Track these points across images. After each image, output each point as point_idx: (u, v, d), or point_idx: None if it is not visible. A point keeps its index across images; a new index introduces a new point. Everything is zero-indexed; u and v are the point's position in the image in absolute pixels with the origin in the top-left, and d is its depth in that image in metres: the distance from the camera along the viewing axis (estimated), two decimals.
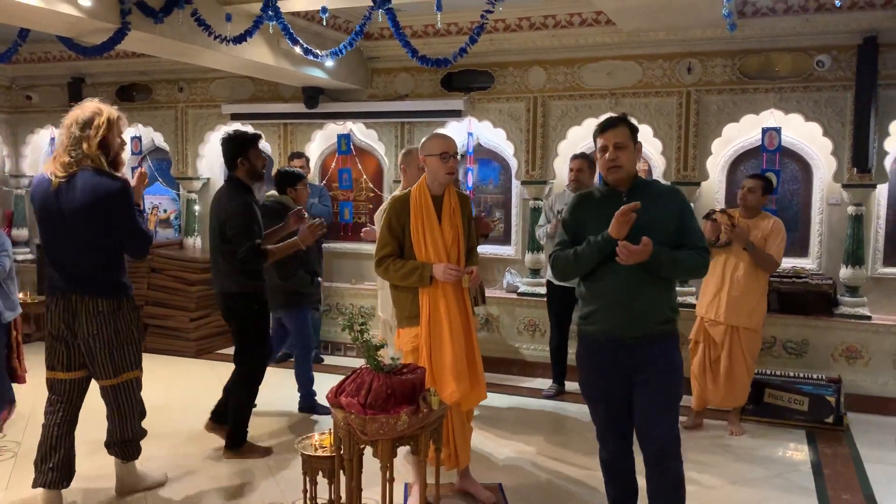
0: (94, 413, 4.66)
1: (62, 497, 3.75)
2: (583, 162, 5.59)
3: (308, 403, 5.43)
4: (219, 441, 4.72)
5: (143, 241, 3.73)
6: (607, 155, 3.09)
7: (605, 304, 3.12)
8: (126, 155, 3.90)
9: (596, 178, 5.60)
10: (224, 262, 4.41)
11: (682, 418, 5.21)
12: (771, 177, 5.57)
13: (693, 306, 5.38)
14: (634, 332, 3.07)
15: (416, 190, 3.69)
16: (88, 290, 3.62)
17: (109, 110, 3.64)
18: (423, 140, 3.84)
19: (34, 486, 3.71)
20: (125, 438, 3.89)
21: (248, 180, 4.45)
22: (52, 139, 8.65)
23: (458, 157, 3.78)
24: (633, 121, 3.25)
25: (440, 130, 6.89)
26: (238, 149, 4.40)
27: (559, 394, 5.87)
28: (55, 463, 3.66)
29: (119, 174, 3.64)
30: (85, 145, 3.54)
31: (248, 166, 4.41)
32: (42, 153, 8.90)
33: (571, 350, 5.79)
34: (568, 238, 3.23)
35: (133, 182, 3.75)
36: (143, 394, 3.97)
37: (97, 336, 3.63)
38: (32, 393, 5.68)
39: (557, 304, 5.80)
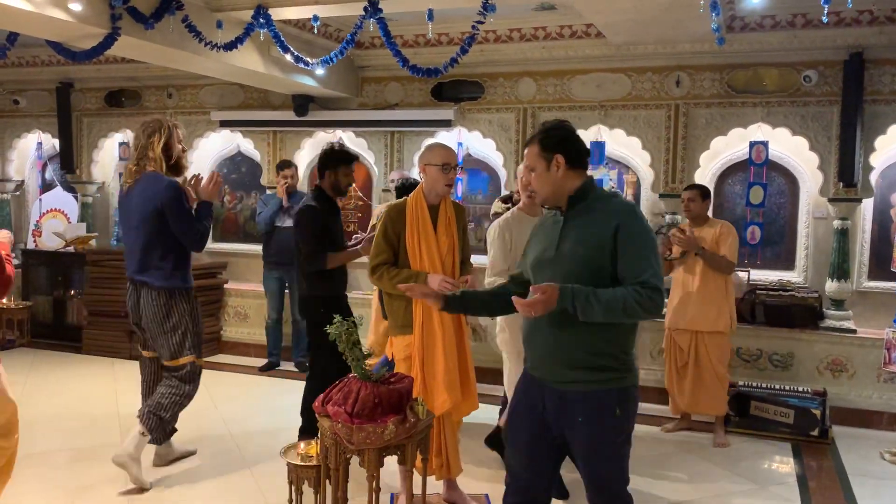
0: (73, 421, 4.63)
1: (170, 444, 4.47)
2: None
3: None
4: (195, 448, 4.70)
5: (197, 236, 4.12)
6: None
7: (524, 339, 2.77)
8: (188, 161, 4.44)
9: None
10: (297, 264, 4.70)
11: (667, 425, 5.35)
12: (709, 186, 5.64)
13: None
14: (551, 377, 2.62)
15: (412, 199, 3.70)
16: (146, 279, 4.10)
17: (167, 120, 4.20)
18: (424, 149, 3.86)
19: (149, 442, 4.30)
20: (160, 403, 4.17)
21: (331, 192, 4.66)
22: (39, 144, 8.61)
23: (458, 168, 3.80)
24: (567, 127, 2.71)
25: (432, 140, 6.91)
26: (328, 161, 4.65)
27: None
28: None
29: (178, 178, 4.18)
30: (150, 152, 4.09)
31: (333, 180, 4.64)
32: (28, 158, 8.85)
33: None
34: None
35: (203, 183, 4.21)
36: (129, 399, 3.95)
37: (152, 321, 4.12)
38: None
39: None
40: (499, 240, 3.98)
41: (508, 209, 4.35)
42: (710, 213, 5.31)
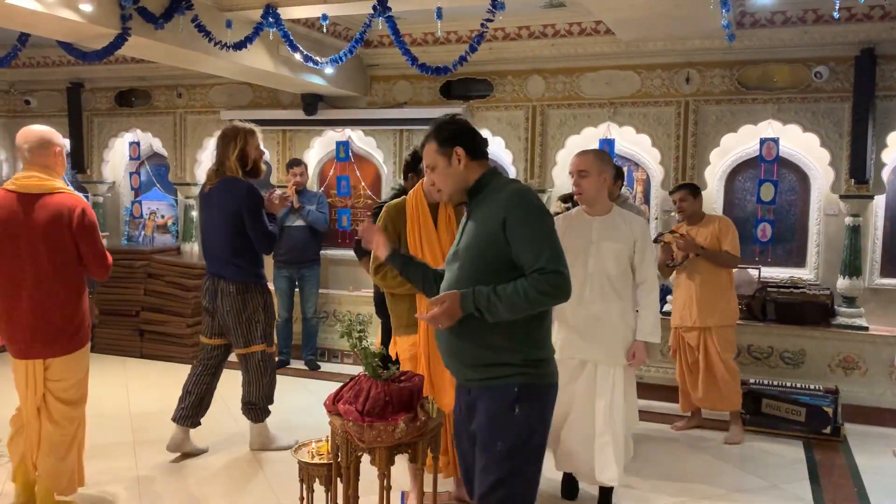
0: (100, 419, 4.63)
1: (188, 434, 4.59)
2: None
3: None
4: (207, 446, 4.72)
5: (267, 239, 4.49)
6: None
7: (435, 338, 2.75)
8: (265, 165, 4.71)
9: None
10: None
11: (677, 423, 5.33)
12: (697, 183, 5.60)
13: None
14: (458, 376, 2.64)
15: (411, 196, 3.70)
16: (223, 273, 4.48)
17: (244, 127, 4.49)
18: None
19: (172, 419, 4.58)
20: (250, 401, 4.66)
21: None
22: None
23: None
24: (461, 120, 2.69)
25: None
26: (412, 165, 4.56)
27: None
28: (187, 404, 4.54)
29: (254, 181, 4.50)
30: (227, 160, 4.44)
31: (415, 182, 4.51)
32: None
33: None
34: None
35: (273, 198, 4.55)
36: (140, 398, 3.98)
37: (229, 312, 4.48)
38: None
39: None
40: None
41: (569, 208, 4.18)
42: (703, 210, 5.30)
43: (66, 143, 4.76)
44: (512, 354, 2.49)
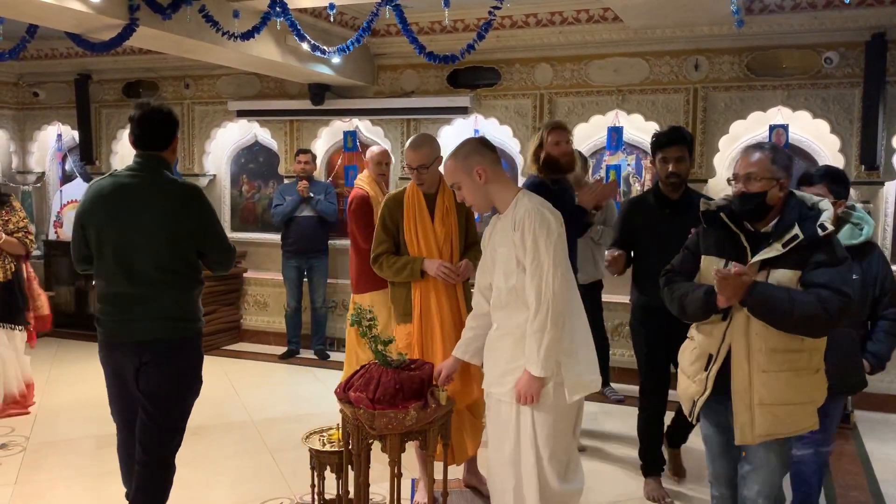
0: (96, 409, 4.66)
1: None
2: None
3: None
4: (218, 436, 4.75)
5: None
6: None
7: None
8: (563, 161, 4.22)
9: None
10: None
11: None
12: None
13: None
14: None
15: (409, 189, 3.74)
16: None
17: (545, 123, 4.45)
18: None
19: None
20: None
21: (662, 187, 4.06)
22: (59, 135, 8.67)
23: (425, 169, 3.62)
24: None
25: (448, 128, 6.91)
26: (655, 147, 4.12)
27: None
28: None
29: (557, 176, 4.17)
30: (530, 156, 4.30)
31: (653, 172, 4.49)
32: (49, 150, 8.92)
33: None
34: None
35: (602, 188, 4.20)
36: None
37: None
38: (39, 391, 5.70)
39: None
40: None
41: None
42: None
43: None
44: None
